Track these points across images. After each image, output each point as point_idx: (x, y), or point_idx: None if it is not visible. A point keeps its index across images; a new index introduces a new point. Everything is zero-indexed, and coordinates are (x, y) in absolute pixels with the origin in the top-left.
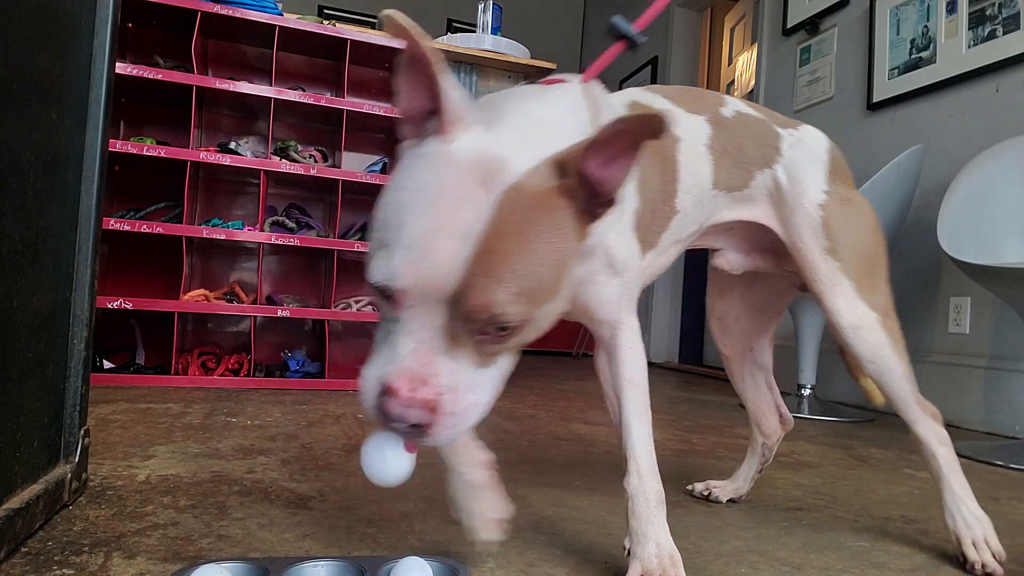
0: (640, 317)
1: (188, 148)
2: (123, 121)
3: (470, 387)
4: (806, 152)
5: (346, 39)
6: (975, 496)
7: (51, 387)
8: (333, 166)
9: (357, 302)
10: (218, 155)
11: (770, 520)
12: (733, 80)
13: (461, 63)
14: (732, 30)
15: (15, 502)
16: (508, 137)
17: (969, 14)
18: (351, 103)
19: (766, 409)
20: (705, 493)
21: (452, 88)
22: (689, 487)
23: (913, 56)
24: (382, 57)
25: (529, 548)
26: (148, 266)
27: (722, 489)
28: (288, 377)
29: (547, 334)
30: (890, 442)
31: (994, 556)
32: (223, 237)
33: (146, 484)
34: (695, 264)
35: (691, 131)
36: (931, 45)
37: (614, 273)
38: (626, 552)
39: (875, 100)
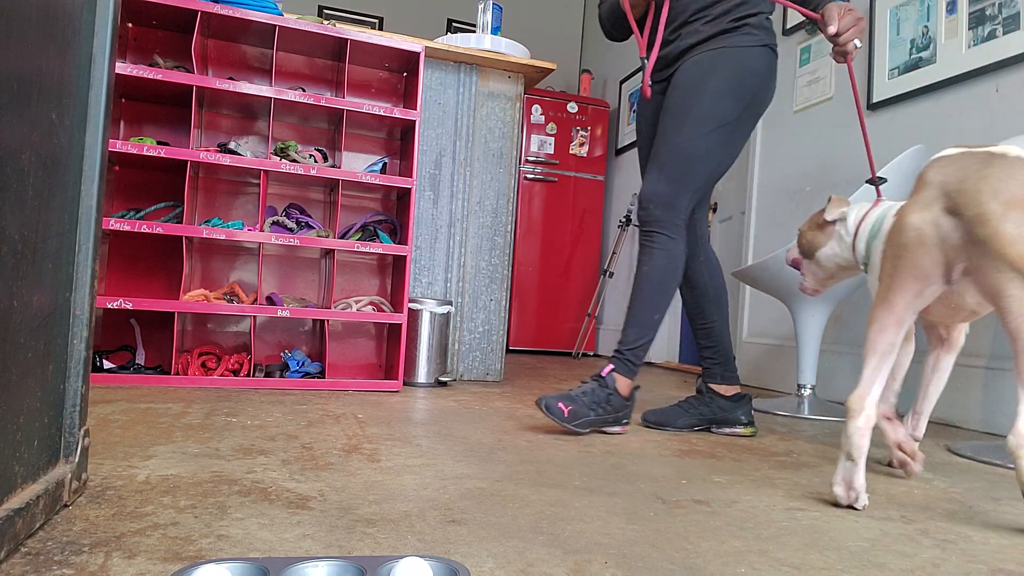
0: None
1: (188, 148)
2: (123, 121)
3: None
4: None
5: (346, 39)
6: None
7: (51, 387)
8: (333, 166)
9: (357, 302)
10: (218, 155)
11: (770, 520)
12: None
13: (461, 63)
14: None
15: (15, 502)
16: None
17: (969, 14)
18: (351, 103)
19: None
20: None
21: None
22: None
23: (913, 56)
24: (382, 57)
25: (529, 548)
26: (148, 266)
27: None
28: (288, 377)
29: (547, 334)
30: None
31: None
32: (223, 237)
33: (146, 484)
34: None
35: None
36: (931, 45)
37: None
38: None
39: (875, 100)
